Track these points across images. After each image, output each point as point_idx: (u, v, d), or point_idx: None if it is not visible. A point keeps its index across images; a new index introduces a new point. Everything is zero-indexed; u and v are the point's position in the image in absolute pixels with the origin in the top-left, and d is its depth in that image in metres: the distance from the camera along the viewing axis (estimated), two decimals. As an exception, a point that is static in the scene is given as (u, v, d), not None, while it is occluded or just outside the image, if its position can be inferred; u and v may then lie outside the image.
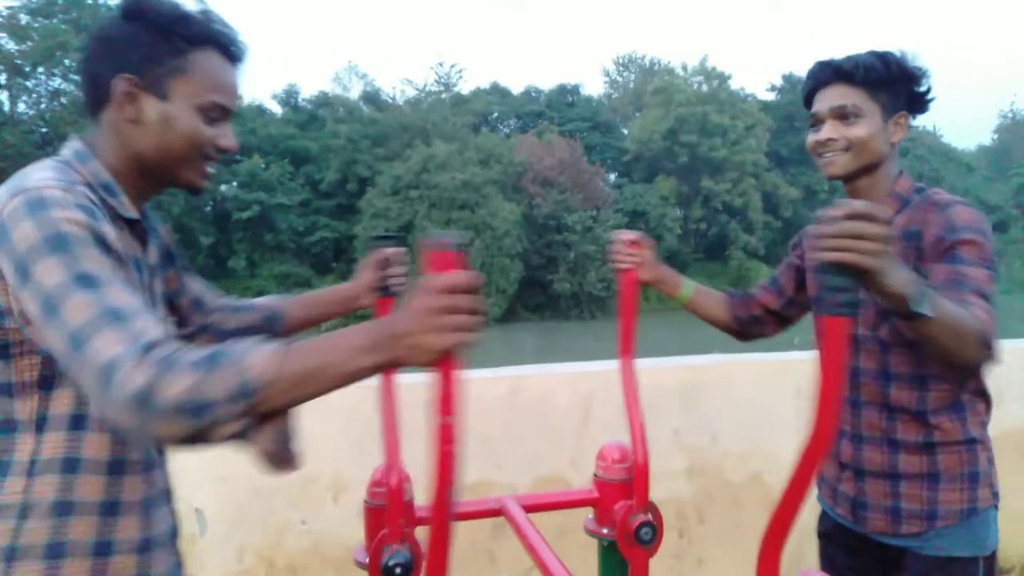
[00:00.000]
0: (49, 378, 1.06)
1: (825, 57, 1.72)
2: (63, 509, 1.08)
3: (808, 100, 1.75)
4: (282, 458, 0.97)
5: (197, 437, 0.89)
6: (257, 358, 0.89)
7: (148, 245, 1.25)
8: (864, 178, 1.69)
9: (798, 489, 1.09)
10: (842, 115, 1.65)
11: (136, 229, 1.20)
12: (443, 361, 0.90)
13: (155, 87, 1.14)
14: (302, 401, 0.93)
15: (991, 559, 1.68)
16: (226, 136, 1.22)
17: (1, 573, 1.06)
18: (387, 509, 1.66)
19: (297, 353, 0.90)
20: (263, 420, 0.92)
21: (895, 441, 1.68)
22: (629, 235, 1.97)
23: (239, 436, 0.91)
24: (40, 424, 1.06)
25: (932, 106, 1.75)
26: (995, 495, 1.70)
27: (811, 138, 1.73)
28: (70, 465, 1.08)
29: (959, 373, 1.55)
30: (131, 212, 1.17)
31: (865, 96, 1.65)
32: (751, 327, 2.05)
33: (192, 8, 1.18)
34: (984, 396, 1.73)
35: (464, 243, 0.91)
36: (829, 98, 1.67)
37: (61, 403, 1.07)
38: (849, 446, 1.76)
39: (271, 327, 1.59)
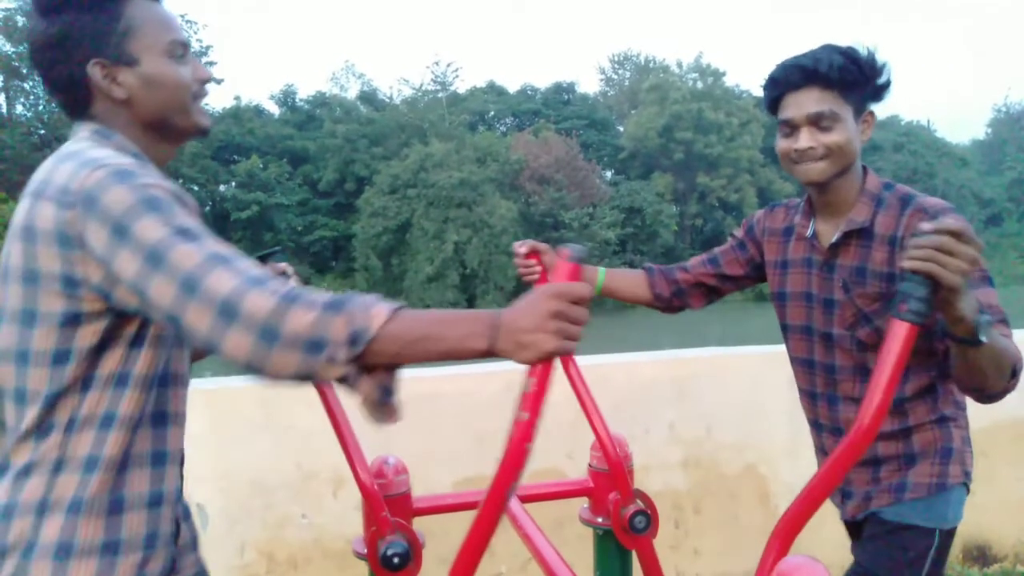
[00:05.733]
0: (107, 341, 1.09)
1: (789, 58, 1.64)
2: (91, 465, 1.10)
3: (775, 103, 1.68)
4: (383, 408, 1.02)
5: (306, 374, 0.95)
6: (379, 311, 0.94)
7: None
8: (837, 181, 1.66)
9: (825, 486, 1.13)
10: (818, 121, 1.60)
11: None
12: (544, 362, 0.94)
13: (119, 57, 1.17)
14: (407, 362, 0.98)
15: (949, 535, 1.68)
16: (198, 68, 1.25)
17: (31, 527, 1.08)
18: (371, 502, 1.69)
19: (416, 317, 0.96)
20: (368, 370, 0.97)
21: None
22: (524, 247, 1.97)
23: (344, 380, 0.96)
24: (85, 384, 1.09)
25: (889, 96, 1.69)
26: (965, 474, 1.70)
27: (785, 144, 1.66)
28: (106, 421, 1.11)
29: (978, 396, 1.52)
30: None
31: (839, 99, 1.59)
32: (674, 300, 2.05)
33: None
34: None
35: (587, 258, 0.96)
36: (803, 103, 1.61)
37: (109, 364, 1.10)
38: (830, 439, 1.78)
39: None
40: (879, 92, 1.67)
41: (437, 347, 0.95)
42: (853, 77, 1.59)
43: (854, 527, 1.80)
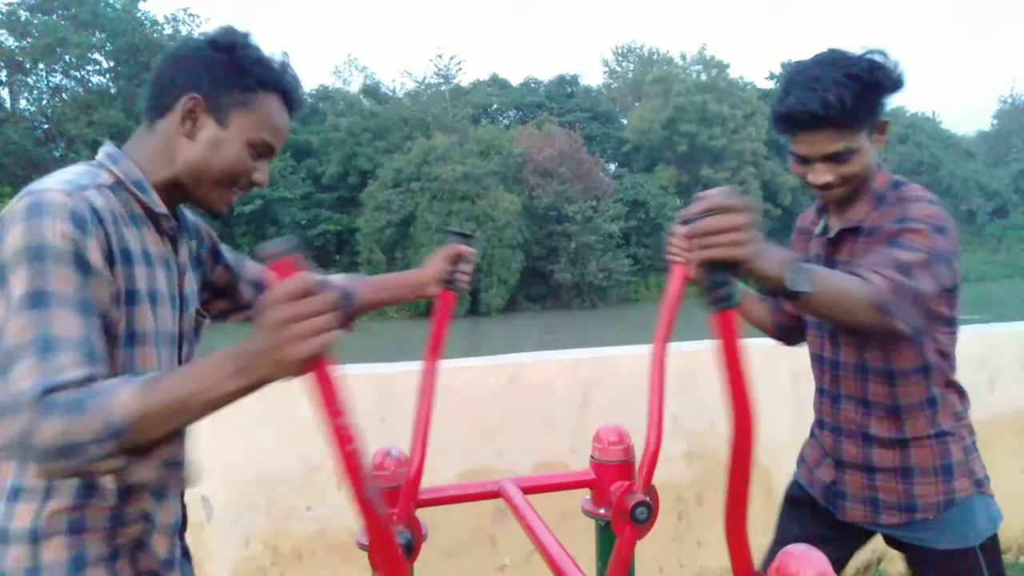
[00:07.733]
0: None
1: (794, 83, 1.57)
2: (87, 492, 1.14)
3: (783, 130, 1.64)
4: (177, 479, 1.07)
5: (78, 472, 0.95)
6: (122, 397, 0.93)
7: (179, 244, 1.31)
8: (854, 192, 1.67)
9: (737, 486, 1.13)
10: (835, 158, 1.58)
11: (165, 227, 1.26)
12: (313, 367, 0.88)
13: (218, 112, 1.23)
14: (177, 429, 0.97)
15: (989, 545, 1.68)
16: (262, 172, 1.31)
17: (29, 555, 1.11)
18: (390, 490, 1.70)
19: (163, 386, 0.94)
20: (144, 451, 0.97)
21: (869, 435, 1.71)
22: (686, 230, 1.94)
23: (122, 468, 0.96)
24: None
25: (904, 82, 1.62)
26: (977, 483, 1.70)
27: (800, 170, 1.66)
28: None
29: (862, 336, 1.52)
30: (161, 207, 1.24)
31: (852, 132, 1.55)
32: (791, 335, 2.01)
33: (274, 55, 1.28)
34: (956, 389, 1.73)
35: (297, 247, 0.88)
36: (817, 143, 1.58)
37: None
38: (830, 437, 1.80)
39: (344, 305, 1.65)
40: (893, 91, 1.61)
41: (196, 404, 0.93)
42: (865, 109, 1.54)
43: (854, 530, 1.80)
